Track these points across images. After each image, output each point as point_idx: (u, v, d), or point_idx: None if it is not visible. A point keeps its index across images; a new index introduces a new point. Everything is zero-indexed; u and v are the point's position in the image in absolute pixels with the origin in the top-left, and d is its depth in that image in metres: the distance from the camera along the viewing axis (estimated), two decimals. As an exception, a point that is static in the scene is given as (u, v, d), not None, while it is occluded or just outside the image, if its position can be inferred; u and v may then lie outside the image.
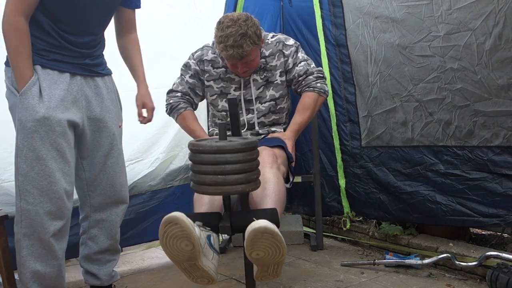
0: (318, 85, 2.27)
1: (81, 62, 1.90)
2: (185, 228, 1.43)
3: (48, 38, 1.81)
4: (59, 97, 1.81)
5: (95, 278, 2.10)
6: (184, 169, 2.90)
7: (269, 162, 1.93)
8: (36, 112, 1.75)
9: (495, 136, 2.29)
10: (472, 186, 2.40)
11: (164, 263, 2.78)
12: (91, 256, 2.08)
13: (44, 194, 1.78)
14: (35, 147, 1.76)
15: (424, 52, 2.46)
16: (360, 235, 2.92)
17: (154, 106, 2.18)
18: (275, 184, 1.86)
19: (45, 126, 1.76)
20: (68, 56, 1.86)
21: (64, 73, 1.85)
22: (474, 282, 2.28)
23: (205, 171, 1.54)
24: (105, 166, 2.00)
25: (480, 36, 2.26)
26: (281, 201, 1.86)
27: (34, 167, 1.77)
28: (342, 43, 2.83)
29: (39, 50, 1.80)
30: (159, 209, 2.80)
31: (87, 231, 2.07)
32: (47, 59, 1.81)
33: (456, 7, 2.31)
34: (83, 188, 2.04)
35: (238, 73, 2.25)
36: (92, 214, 2.05)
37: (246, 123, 2.30)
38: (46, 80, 1.80)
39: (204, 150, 1.54)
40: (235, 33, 2.05)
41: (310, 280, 2.40)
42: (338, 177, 2.96)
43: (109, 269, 2.11)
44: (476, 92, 2.32)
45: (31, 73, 1.77)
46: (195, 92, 2.39)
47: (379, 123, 2.72)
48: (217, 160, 1.52)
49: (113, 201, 2.05)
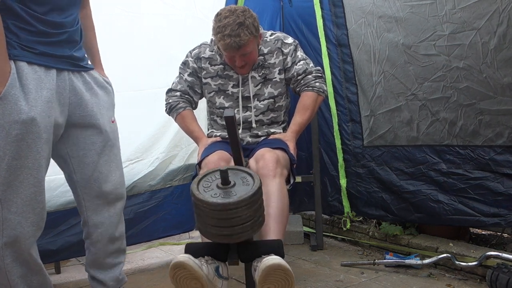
0: (317, 84, 2.28)
1: (67, 55, 1.78)
2: (192, 271, 1.53)
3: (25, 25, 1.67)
4: (45, 98, 1.70)
5: (101, 284, 2.00)
6: (184, 169, 2.89)
7: (272, 170, 1.95)
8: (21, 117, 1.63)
9: (500, 134, 2.30)
10: (474, 186, 2.40)
11: (164, 263, 2.77)
12: (95, 261, 1.98)
13: (27, 204, 1.67)
14: (21, 156, 1.64)
15: (429, 51, 2.46)
16: (360, 235, 2.91)
17: None
18: (279, 200, 1.90)
19: (33, 133, 1.66)
20: (55, 45, 1.74)
21: (50, 69, 1.73)
22: (474, 282, 2.28)
23: (210, 224, 1.55)
24: (98, 165, 1.89)
25: (484, 35, 2.27)
26: (285, 217, 1.93)
27: (18, 175, 1.65)
28: (344, 43, 2.83)
29: (26, 42, 1.68)
30: (158, 209, 2.80)
31: (89, 236, 1.97)
32: (35, 53, 1.69)
33: (460, 6, 2.32)
34: (77, 190, 1.93)
35: (236, 68, 2.25)
36: (89, 219, 1.94)
37: (244, 121, 2.30)
38: (33, 80, 1.68)
39: (207, 207, 1.52)
40: (232, 22, 2.06)
41: (310, 280, 2.40)
42: (340, 176, 2.95)
43: (116, 273, 2.01)
44: (481, 91, 2.33)
45: (10, 68, 1.62)
46: (194, 90, 2.38)
47: (382, 122, 2.73)
48: (222, 216, 1.52)
49: (109, 200, 1.94)
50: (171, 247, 3.07)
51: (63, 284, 2.54)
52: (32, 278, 1.76)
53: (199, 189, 1.56)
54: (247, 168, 1.69)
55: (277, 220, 1.86)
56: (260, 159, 2.01)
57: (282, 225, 1.88)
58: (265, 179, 1.92)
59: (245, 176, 1.62)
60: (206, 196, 1.52)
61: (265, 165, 1.96)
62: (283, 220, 1.89)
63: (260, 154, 2.03)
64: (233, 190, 1.55)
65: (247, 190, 1.54)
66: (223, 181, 1.56)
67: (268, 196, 1.87)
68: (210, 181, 1.60)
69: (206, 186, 1.58)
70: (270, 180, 1.92)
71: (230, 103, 2.30)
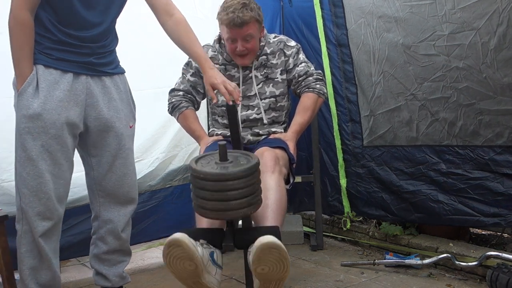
0: (318, 86, 2.31)
1: (86, 61, 1.86)
2: (187, 250, 1.47)
3: (49, 34, 1.79)
4: (57, 98, 1.79)
5: (105, 279, 2.08)
6: (184, 169, 2.90)
7: (271, 166, 1.95)
8: (29, 112, 1.75)
9: (500, 135, 2.30)
10: (473, 186, 2.40)
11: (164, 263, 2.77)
12: (100, 256, 2.07)
13: (34, 195, 1.78)
14: (27, 148, 1.76)
15: (429, 51, 2.46)
16: (360, 235, 2.91)
17: (234, 84, 1.92)
18: (277, 192, 1.90)
19: (38, 127, 1.76)
20: (73, 54, 1.82)
21: (67, 73, 1.82)
22: (474, 282, 2.28)
23: (206, 197, 1.52)
24: (113, 166, 1.98)
25: (484, 35, 2.26)
26: (283, 209, 1.92)
27: (25, 167, 1.77)
28: (344, 43, 2.83)
29: (44, 48, 1.79)
30: (158, 209, 2.81)
31: (97, 231, 2.06)
32: (52, 58, 1.79)
33: (460, 6, 2.31)
34: (92, 186, 2.03)
35: (236, 58, 2.28)
36: (101, 214, 2.04)
37: (245, 119, 2.31)
38: (47, 81, 1.78)
39: (204, 177, 1.50)
40: (237, 3, 2.18)
41: (310, 280, 2.40)
42: (340, 176, 2.95)
43: (119, 270, 2.09)
44: (481, 91, 2.32)
45: (31, 70, 1.75)
46: (196, 90, 2.40)
47: (382, 122, 2.72)
48: (218, 188, 1.49)
49: (121, 201, 2.04)
50: (171, 247, 3.06)
51: (63, 284, 2.52)
52: (41, 272, 1.86)
53: (197, 164, 1.56)
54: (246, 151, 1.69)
55: (275, 210, 1.85)
56: (259, 157, 2.01)
57: (280, 216, 1.87)
58: (263, 175, 1.89)
59: (244, 156, 1.62)
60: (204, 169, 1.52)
61: (263, 162, 1.96)
62: (280, 212, 1.88)
63: (260, 153, 2.03)
64: (231, 166, 1.54)
65: (245, 165, 1.53)
66: (222, 157, 1.55)
67: (266, 190, 1.85)
68: (208, 159, 1.60)
69: (204, 162, 1.58)
70: (268, 176, 1.91)
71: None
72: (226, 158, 1.56)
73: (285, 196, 1.95)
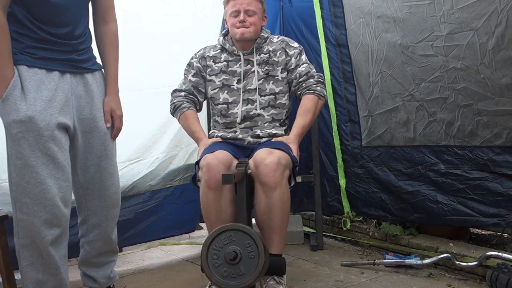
0: (318, 88, 2.33)
1: (69, 58, 1.79)
2: None
3: (28, 32, 1.70)
4: (46, 98, 1.71)
5: (93, 281, 2.05)
6: (184, 169, 2.90)
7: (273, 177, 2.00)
8: (19, 116, 1.66)
9: (498, 135, 2.29)
10: (472, 186, 2.40)
11: (164, 263, 2.77)
12: (89, 260, 2.03)
13: (38, 203, 1.69)
14: (23, 154, 1.67)
15: (427, 52, 2.45)
16: (360, 235, 2.91)
17: (122, 114, 1.98)
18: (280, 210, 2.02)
19: (33, 131, 1.67)
20: (56, 52, 1.76)
21: (52, 71, 1.75)
22: (474, 282, 2.28)
23: None
24: (99, 167, 1.91)
25: (482, 36, 2.26)
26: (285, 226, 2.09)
27: (24, 175, 1.68)
28: (343, 43, 2.83)
29: (25, 47, 1.71)
30: (158, 209, 2.81)
31: (86, 235, 2.00)
32: (35, 57, 1.72)
33: (458, 7, 2.31)
34: (79, 192, 1.95)
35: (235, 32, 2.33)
36: (89, 218, 1.97)
37: (246, 115, 2.33)
38: (32, 81, 1.70)
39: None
40: None
41: (310, 280, 2.40)
42: (339, 177, 2.96)
43: (107, 271, 2.06)
44: (479, 92, 2.32)
45: (13, 72, 1.66)
46: (198, 90, 2.42)
47: (380, 123, 2.72)
48: None
49: (108, 204, 1.97)
50: (171, 247, 3.07)
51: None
52: (47, 284, 1.78)
53: (209, 264, 1.71)
54: (249, 228, 1.75)
55: (279, 233, 2.04)
56: (260, 163, 2.03)
57: (284, 236, 2.08)
58: (267, 189, 2.01)
59: (249, 242, 1.72)
60: (217, 277, 1.69)
61: (266, 173, 2.00)
62: (284, 232, 2.08)
63: (260, 158, 2.04)
64: (241, 268, 1.69)
65: (254, 266, 1.68)
66: (231, 257, 1.69)
67: (270, 209, 2.00)
68: (217, 249, 1.72)
69: (215, 259, 1.71)
70: (272, 192, 2.00)
71: (234, 98, 2.35)
72: (235, 257, 1.69)
73: (288, 210, 2.08)
